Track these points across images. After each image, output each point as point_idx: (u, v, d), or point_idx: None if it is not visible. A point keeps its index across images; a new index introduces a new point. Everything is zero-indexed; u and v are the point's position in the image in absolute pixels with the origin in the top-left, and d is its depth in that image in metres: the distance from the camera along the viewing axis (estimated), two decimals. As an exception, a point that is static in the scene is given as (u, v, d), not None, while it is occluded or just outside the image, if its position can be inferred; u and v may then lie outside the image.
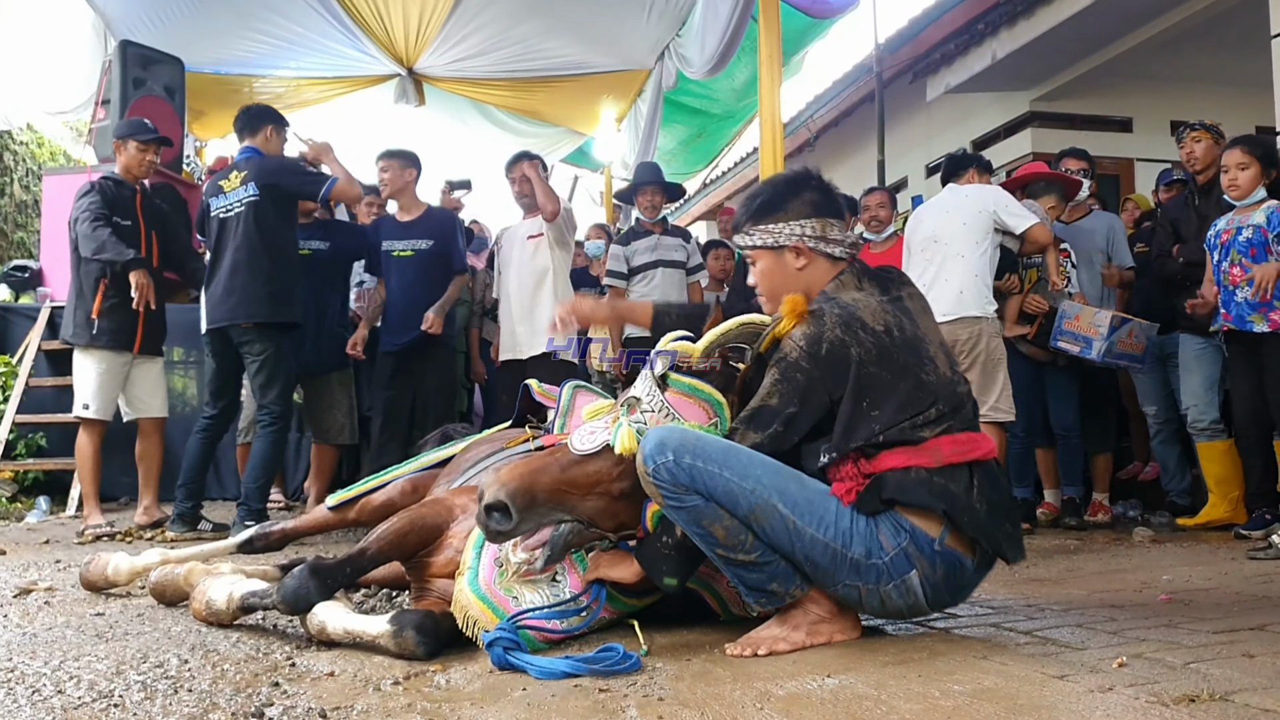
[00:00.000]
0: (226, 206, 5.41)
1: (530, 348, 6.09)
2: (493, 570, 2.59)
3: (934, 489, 2.38)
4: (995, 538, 2.44)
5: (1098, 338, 5.26)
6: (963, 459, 2.43)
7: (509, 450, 3.46)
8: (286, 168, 5.37)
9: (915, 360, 2.50)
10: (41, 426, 7.44)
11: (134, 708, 2.08)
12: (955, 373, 2.59)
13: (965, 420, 2.51)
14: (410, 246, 5.95)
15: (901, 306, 2.60)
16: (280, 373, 5.41)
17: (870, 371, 2.44)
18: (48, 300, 7.71)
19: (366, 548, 2.73)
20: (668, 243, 6.47)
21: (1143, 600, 3.12)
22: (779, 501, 2.39)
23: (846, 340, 2.45)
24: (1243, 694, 1.90)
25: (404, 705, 2.09)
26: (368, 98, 10.69)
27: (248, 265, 5.32)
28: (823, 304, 2.55)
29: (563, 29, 9.35)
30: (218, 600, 2.81)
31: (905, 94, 10.29)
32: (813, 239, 2.66)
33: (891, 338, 2.49)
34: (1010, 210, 5.21)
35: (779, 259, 2.71)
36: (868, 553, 2.39)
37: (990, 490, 2.44)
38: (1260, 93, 6.57)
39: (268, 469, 5.46)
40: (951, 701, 1.92)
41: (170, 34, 8.33)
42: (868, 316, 2.50)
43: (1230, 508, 5.20)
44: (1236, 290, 4.85)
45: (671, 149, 11.39)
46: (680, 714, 1.94)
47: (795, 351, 2.47)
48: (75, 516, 6.41)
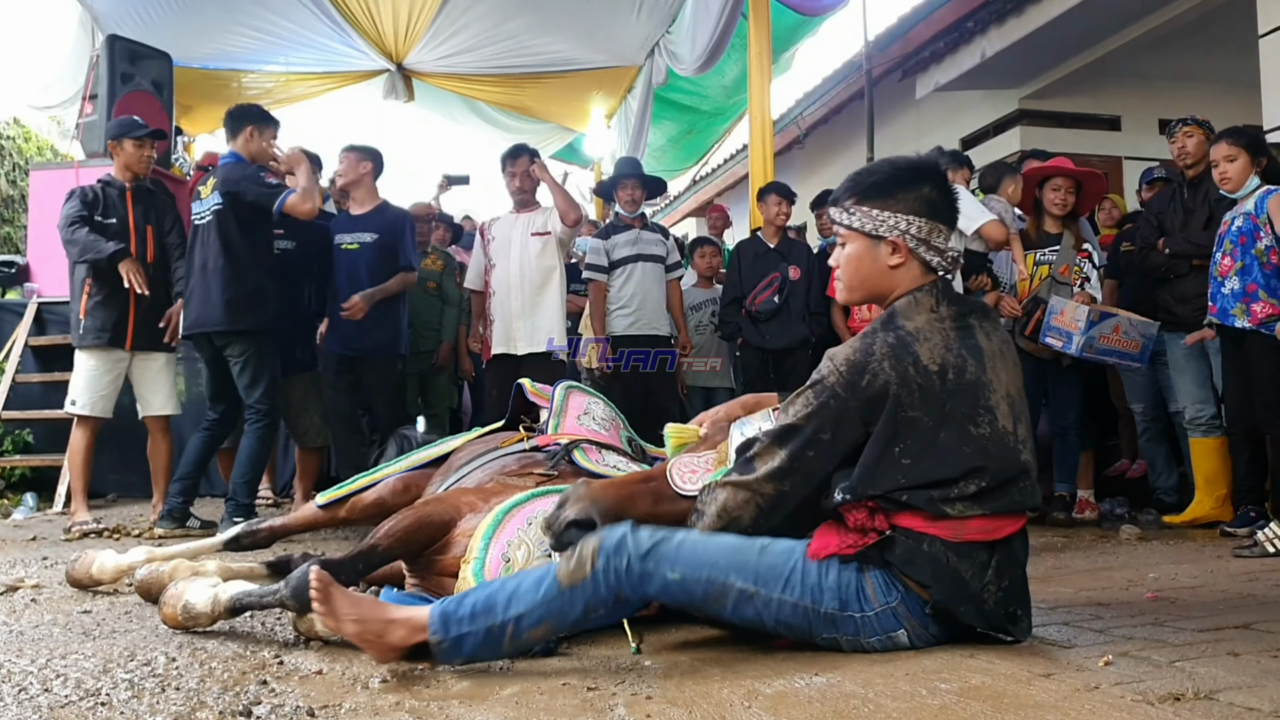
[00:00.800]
0: (201, 213, 5.45)
1: (529, 345, 6.02)
2: (499, 564, 2.59)
3: (941, 571, 2.24)
4: (1001, 624, 2.32)
5: (1076, 332, 5.25)
6: (986, 538, 2.28)
7: (503, 450, 3.46)
8: (247, 176, 5.34)
9: (968, 410, 2.30)
10: (28, 423, 7.41)
11: (121, 706, 2.08)
12: (1019, 429, 2.37)
13: (1009, 503, 2.31)
14: (356, 239, 5.87)
15: (971, 344, 2.38)
16: (264, 372, 5.41)
17: (909, 416, 2.27)
18: (35, 296, 7.68)
19: (377, 544, 2.72)
20: (648, 237, 6.45)
21: (1129, 598, 3.13)
22: (736, 579, 2.26)
23: (891, 374, 2.27)
24: (1228, 692, 1.91)
25: (392, 703, 2.09)
26: (357, 93, 10.69)
27: (213, 272, 5.35)
28: (879, 327, 2.38)
29: (553, 25, 9.36)
30: (197, 603, 2.71)
31: (895, 91, 10.30)
32: (916, 239, 2.44)
33: (944, 380, 2.29)
34: (963, 210, 5.11)
35: (873, 249, 2.47)
36: (842, 605, 2.27)
37: (1006, 572, 2.31)
38: (1248, 92, 6.60)
39: (255, 466, 5.45)
40: (939, 700, 1.92)
41: (158, 29, 8.32)
42: (924, 351, 2.30)
43: (1216, 505, 5.22)
44: (1225, 281, 4.84)
45: (661, 145, 11.41)
46: (668, 712, 1.94)
47: (834, 376, 2.32)
48: (62, 513, 6.38)
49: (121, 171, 5.68)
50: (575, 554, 2.25)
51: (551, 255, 6.10)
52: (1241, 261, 4.77)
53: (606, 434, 3.60)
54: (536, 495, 2.79)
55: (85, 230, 5.43)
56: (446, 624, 2.25)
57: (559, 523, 2.39)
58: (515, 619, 2.23)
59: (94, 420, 5.65)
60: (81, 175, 7.07)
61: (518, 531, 2.65)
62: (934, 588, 2.24)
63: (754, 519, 2.39)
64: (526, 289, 6.06)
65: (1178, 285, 5.38)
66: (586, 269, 6.48)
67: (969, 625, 2.32)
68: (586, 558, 2.23)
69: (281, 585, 2.57)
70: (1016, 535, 2.35)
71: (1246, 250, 4.76)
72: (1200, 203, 5.30)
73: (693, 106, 10.79)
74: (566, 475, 3.16)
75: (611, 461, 3.35)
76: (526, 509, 2.72)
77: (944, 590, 2.24)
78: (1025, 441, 2.38)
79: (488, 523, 2.66)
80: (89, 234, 5.42)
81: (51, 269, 7.45)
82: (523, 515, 2.70)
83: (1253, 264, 4.76)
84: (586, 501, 2.38)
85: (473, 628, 2.24)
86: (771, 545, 2.34)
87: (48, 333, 7.53)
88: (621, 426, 3.80)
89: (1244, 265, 4.77)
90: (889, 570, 2.29)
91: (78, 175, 7.24)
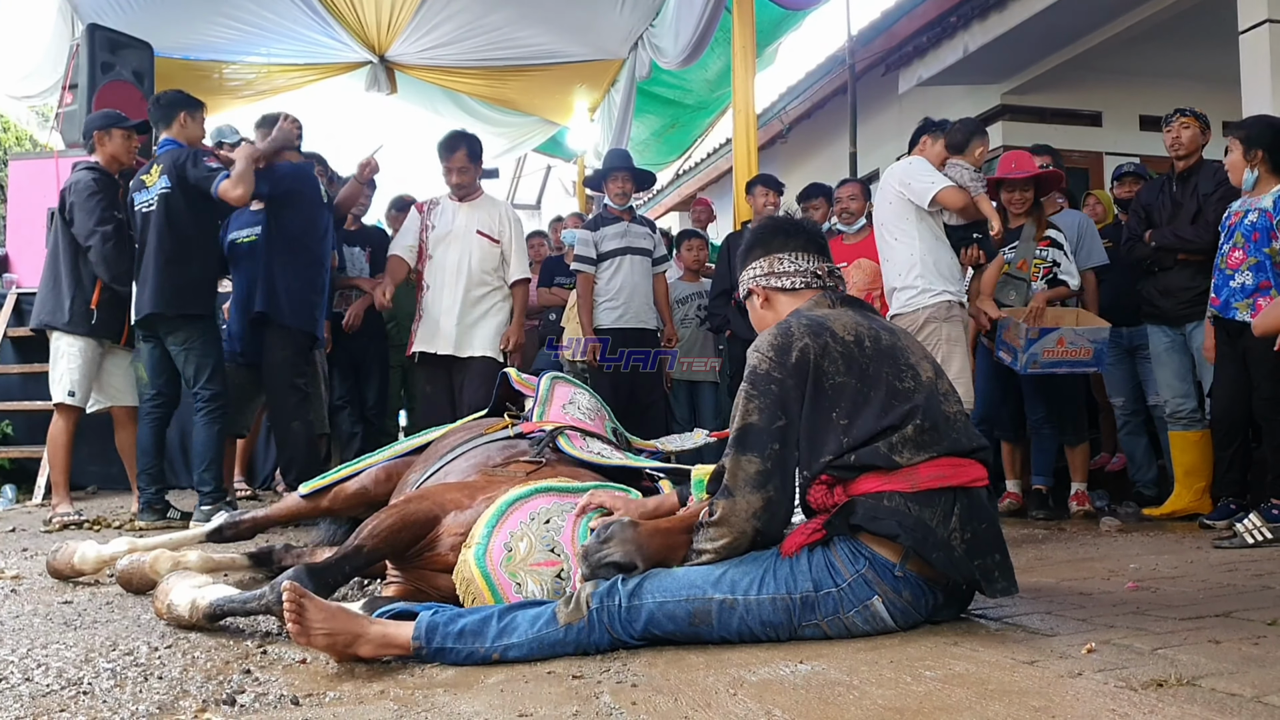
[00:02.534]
0: (148, 201, 5.42)
1: (458, 349, 5.73)
2: (501, 553, 2.59)
3: (905, 520, 2.28)
4: (971, 573, 2.35)
5: (1020, 349, 5.23)
6: (942, 484, 2.33)
7: (487, 436, 3.45)
8: (191, 156, 5.36)
9: (891, 370, 2.43)
10: (7, 414, 7.35)
11: (104, 695, 2.07)
12: (941, 383, 2.50)
13: (952, 443, 2.39)
14: (252, 233, 5.74)
15: (878, 323, 2.57)
16: (208, 358, 5.39)
17: (837, 382, 2.38)
18: (14, 287, 7.61)
19: (362, 545, 2.70)
20: (636, 230, 6.43)
21: (1110, 588, 3.15)
22: (714, 592, 2.31)
23: (812, 344, 2.40)
24: (1209, 679, 1.92)
25: (377, 692, 2.08)
26: (339, 85, 10.63)
27: (160, 256, 5.34)
28: (790, 317, 2.54)
29: (536, 18, 9.34)
30: (179, 605, 2.69)
31: (878, 86, 10.32)
32: (763, 277, 2.74)
33: (862, 347, 2.44)
34: (915, 184, 4.91)
35: (750, 305, 2.82)
36: (815, 585, 2.32)
37: (974, 522, 2.35)
38: (1228, 88, 6.65)
39: (210, 452, 5.41)
40: (923, 687, 1.93)
41: (138, 19, 8.25)
42: (837, 327, 2.46)
43: (1195, 498, 5.25)
44: (1234, 275, 4.77)
45: (644, 139, 11.40)
46: (654, 700, 1.95)
47: (764, 363, 2.42)
48: (42, 505, 6.35)
49: (109, 162, 5.64)
50: (573, 599, 2.34)
51: (497, 260, 5.85)
52: (1255, 258, 4.70)
53: (591, 423, 3.61)
54: (540, 491, 2.78)
55: (129, 262, 5.51)
56: (432, 636, 2.30)
57: (599, 559, 2.38)
58: (503, 648, 2.29)
59: (75, 410, 5.62)
60: (61, 165, 7.02)
61: (521, 524, 2.64)
62: (902, 536, 2.28)
63: (753, 539, 2.40)
64: (466, 292, 5.75)
65: (1162, 278, 5.39)
66: (575, 261, 6.45)
67: (945, 582, 2.36)
68: (583, 601, 2.33)
69: (266, 590, 2.56)
70: (980, 488, 2.41)
71: (1260, 247, 4.68)
72: (1188, 196, 5.29)
73: (676, 100, 10.79)
74: (553, 464, 3.16)
75: (596, 449, 3.35)
76: (530, 504, 2.71)
77: (911, 537, 2.28)
78: (950, 395, 2.51)
79: (492, 511, 2.66)
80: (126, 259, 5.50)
81: (30, 259, 7.39)
82: (526, 509, 2.69)
83: (1266, 261, 4.69)
84: (632, 546, 2.37)
85: (457, 645, 2.29)
86: (744, 557, 2.39)
87: (26, 323, 7.46)
88: (607, 417, 3.81)
89: (1258, 262, 4.70)
90: (855, 538, 2.33)
91: (57, 165, 7.19)
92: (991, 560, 2.39)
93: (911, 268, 4.90)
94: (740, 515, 2.36)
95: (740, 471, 2.36)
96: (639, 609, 2.32)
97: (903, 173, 5.00)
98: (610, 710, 1.89)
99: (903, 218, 4.97)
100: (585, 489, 2.84)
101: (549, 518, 2.68)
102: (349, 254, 6.84)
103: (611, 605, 2.32)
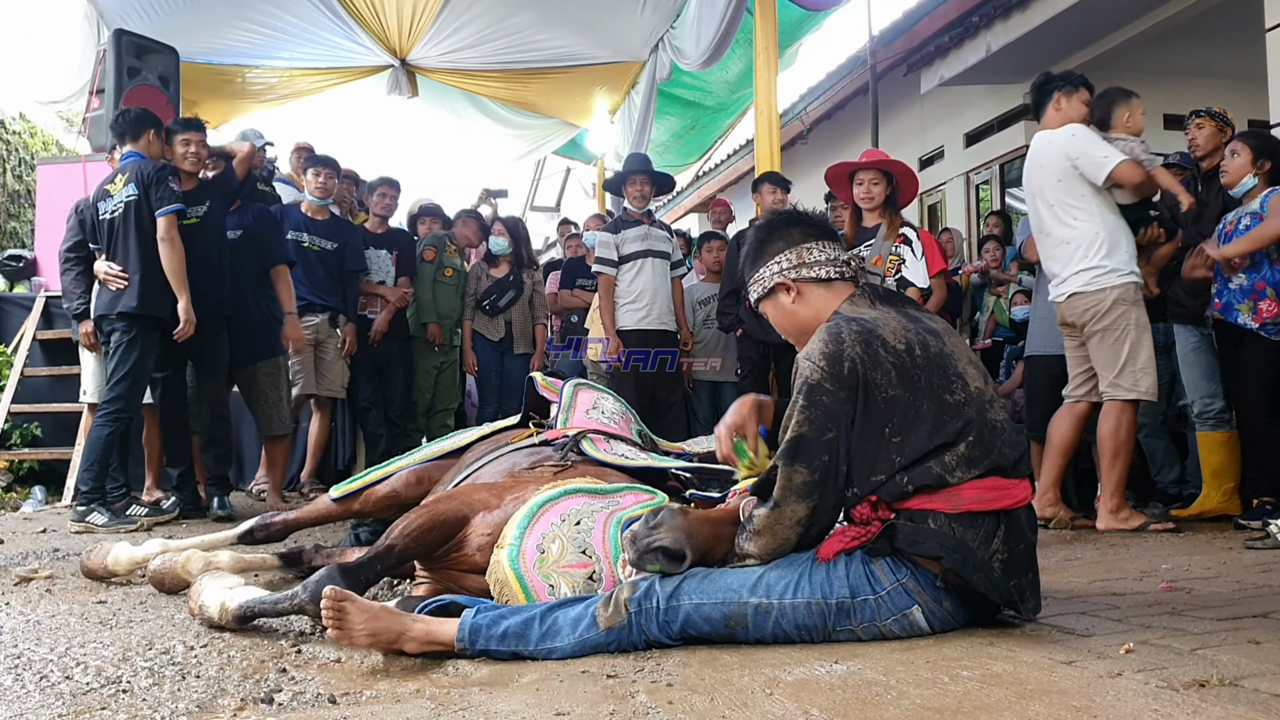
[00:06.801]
0: (113, 209, 5.47)
1: None
2: (534, 555, 2.59)
3: (947, 541, 2.27)
4: (1009, 594, 2.35)
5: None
6: (984, 508, 2.30)
7: (513, 445, 3.48)
8: (158, 172, 5.44)
9: (940, 381, 2.37)
10: (36, 416, 7.40)
11: (143, 693, 2.08)
12: (988, 388, 2.44)
13: (999, 456, 2.34)
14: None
15: (922, 325, 2.49)
16: (131, 369, 5.37)
17: (891, 395, 2.33)
18: (42, 290, 7.67)
19: (393, 544, 2.72)
20: (656, 234, 6.46)
21: (1144, 589, 3.13)
22: (749, 596, 2.32)
23: (864, 357, 2.34)
24: (1252, 679, 1.91)
25: (412, 691, 2.09)
26: (361, 89, 10.67)
27: (122, 259, 5.41)
28: (840, 321, 2.45)
29: (556, 20, 9.36)
30: (210, 607, 2.70)
31: (899, 86, 10.30)
32: (791, 270, 2.61)
33: (914, 356, 2.37)
34: (1087, 161, 4.68)
35: (775, 303, 2.67)
36: (853, 591, 2.31)
37: (1012, 542, 2.33)
38: (1254, 86, 6.60)
39: (91, 455, 5.36)
40: (961, 687, 1.93)
41: (162, 24, 8.32)
42: (888, 334, 2.40)
43: (1224, 499, 5.20)
44: (1232, 278, 4.86)
45: (665, 141, 11.40)
46: (690, 699, 1.94)
47: (816, 373, 2.35)
48: (71, 506, 6.37)
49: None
50: (612, 601, 2.36)
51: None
52: (1250, 259, 4.77)
53: (616, 427, 3.61)
54: (570, 492, 2.78)
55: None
56: (475, 637, 2.33)
57: (647, 543, 2.36)
58: (546, 651, 2.32)
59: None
60: (89, 169, 7.07)
61: (552, 526, 2.65)
62: (945, 557, 2.27)
63: (796, 545, 2.40)
64: None
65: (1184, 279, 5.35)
66: (596, 263, 6.47)
67: (981, 598, 2.35)
68: (621, 604, 2.35)
69: (299, 590, 2.57)
70: (1022, 510, 2.38)
71: None
72: (1214, 195, 5.27)
73: (696, 102, 10.79)
74: (578, 465, 3.17)
75: (620, 451, 3.36)
76: (561, 505, 2.71)
77: (954, 558, 2.27)
78: (995, 400, 2.44)
79: (523, 513, 2.67)
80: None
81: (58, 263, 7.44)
82: (557, 510, 2.69)
83: (1262, 260, 4.76)
84: (682, 534, 2.36)
85: (501, 647, 2.33)
86: (780, 560, 2.39)
87: (55, 326, 7.52)
88: (632, 420, 3.81)
89: (1253, 263, 4.77)
90: (896, 555, 2.32)
91: (85, 170, 7.24)
92: (1025, 580, 2.40)
93: (1097, 247, 4.70)
94: (785, 523, 2.36)
95: (789, 482, 2.35)
96: (676, 610, 2.33)
97: (1068, 145, 4.76)
98: (647, 709, 1.89)
99: (1077, 195, 4.75)
100: (614, 490, 2.85)
101: (579, 519, 2.69)
102: (374, 257, 6.88)
103: (650, 607, 2.34)
